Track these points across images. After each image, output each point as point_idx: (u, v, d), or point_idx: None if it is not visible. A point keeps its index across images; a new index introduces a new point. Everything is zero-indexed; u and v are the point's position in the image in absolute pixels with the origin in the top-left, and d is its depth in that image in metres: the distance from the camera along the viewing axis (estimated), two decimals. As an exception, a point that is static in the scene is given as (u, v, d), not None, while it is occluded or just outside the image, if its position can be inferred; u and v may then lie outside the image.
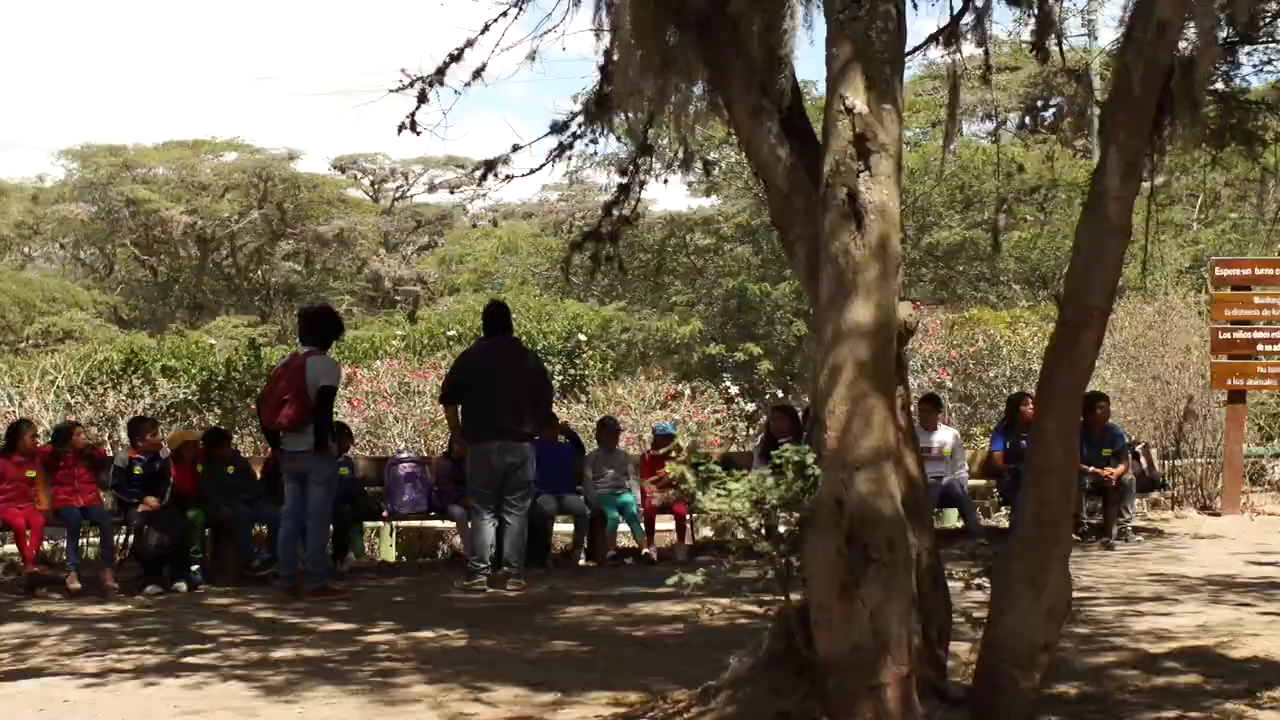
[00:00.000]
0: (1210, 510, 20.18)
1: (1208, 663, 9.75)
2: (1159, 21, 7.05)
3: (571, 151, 12.46)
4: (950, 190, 38.95)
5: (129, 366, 24.27)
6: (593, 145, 12.42)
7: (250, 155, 55.82)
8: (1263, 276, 20.56)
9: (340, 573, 15.30)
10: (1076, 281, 7.46)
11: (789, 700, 7.30)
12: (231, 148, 57.61)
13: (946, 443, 17.63)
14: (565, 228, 50.76)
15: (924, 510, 8.11)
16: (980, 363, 25.74)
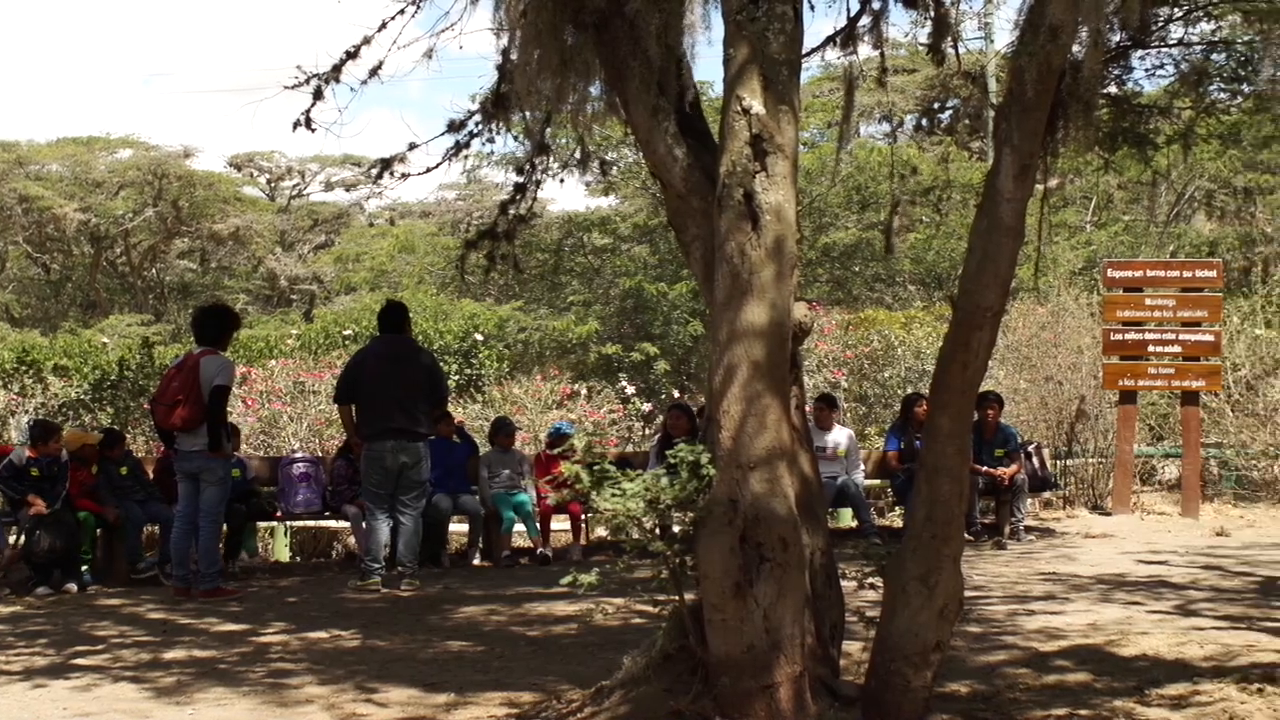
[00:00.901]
0: (1101, 510, 20.37)
1: (1098, 661, 9.84)
2: (1051, 25, 7.11)
3: (469, 150, 12.46)
4: (847, 191, 39.10)
5: (21, 365, 24.02)
6: (490, 144, 12.43)
7: (145, 152, 55.20)
8: (1154, 279, 20.77)
9: (233, 573, 15.21)
10: (969, 282, 7.51)
11: (682, 699, 7.31)
12: (126, 145, 56.92)
13: (841, 443, 17.72)
14: (462, 227, 50.68)
15: (818, 510, 8.14)
16: (875, 363, 25.89)
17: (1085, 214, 46.64)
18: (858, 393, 25.67)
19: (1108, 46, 8.31)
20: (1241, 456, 22.55)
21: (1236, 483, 22.64)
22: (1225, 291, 23.52)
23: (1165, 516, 19.79)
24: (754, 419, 7.11)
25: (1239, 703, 8.53)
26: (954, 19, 10.94)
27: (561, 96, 8.87)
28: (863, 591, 8.36)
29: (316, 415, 22.29)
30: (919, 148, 41.34)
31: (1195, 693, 8.81)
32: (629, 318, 38.03)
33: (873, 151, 39.68)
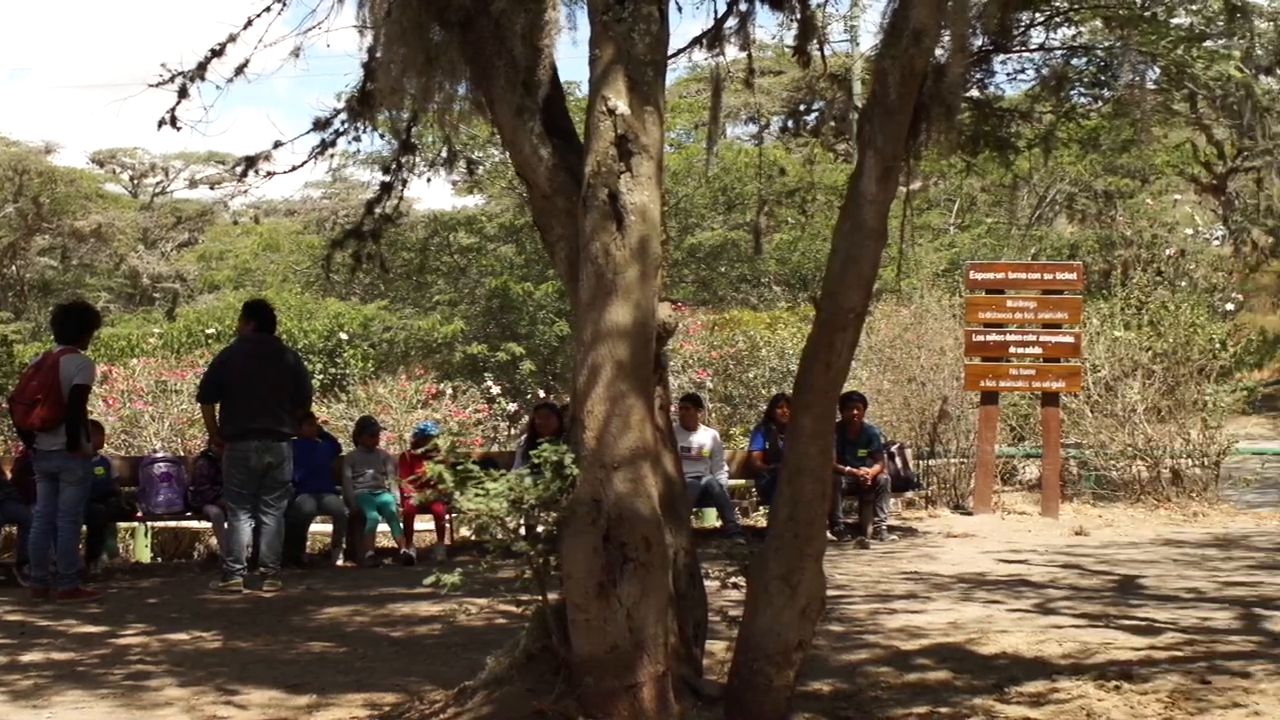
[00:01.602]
0: (963, 509, 20.55)
1: (958, 659, 9.93)
2: (914, 29, 7.17)
3: (334, 149, 12.37)
4: (713, 192, 39.27)
5: (-121, 364, 23.66)
6: (356, 143, 12.34)
7: (5, 148, 54.36)
8: (1015, 281, 20.99)
9: (93, 574, 15.01)
10: (833, 283, 7.55)
11: (546, 699, 7.30)
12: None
13: (706, 443, 17.76)
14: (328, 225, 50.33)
15: (681, 510, 8.16)
16: (740, 363, 26.00)
17: (949, 216, 47.06)
18: (723, 393, 25.77)
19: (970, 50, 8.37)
20: (1100, 457, 22.81)
21: (1095, 483, 22.90)
22: (1085, 294, 23.77)
23: (1026, 516, 19.99)
24: (618, 419, 7.12)
25: (1096, 700, 8.64)
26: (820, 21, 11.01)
27: (427, 95, 8.84)
28: (726, 591, 8.38)
29: (179, 415, 22.10)
30: (785, 149, 41.55)
31: (1054, 690, 8.91)
32: (495, 317, 38.03)
33: (739, 152, 39.87)
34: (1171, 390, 22.93)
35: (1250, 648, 10.25)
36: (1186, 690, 8.82)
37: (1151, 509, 21.07)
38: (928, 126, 7.70)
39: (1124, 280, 27.55)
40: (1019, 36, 9.68)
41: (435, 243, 41.56)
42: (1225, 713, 8.35)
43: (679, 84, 43.29)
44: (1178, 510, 20.93)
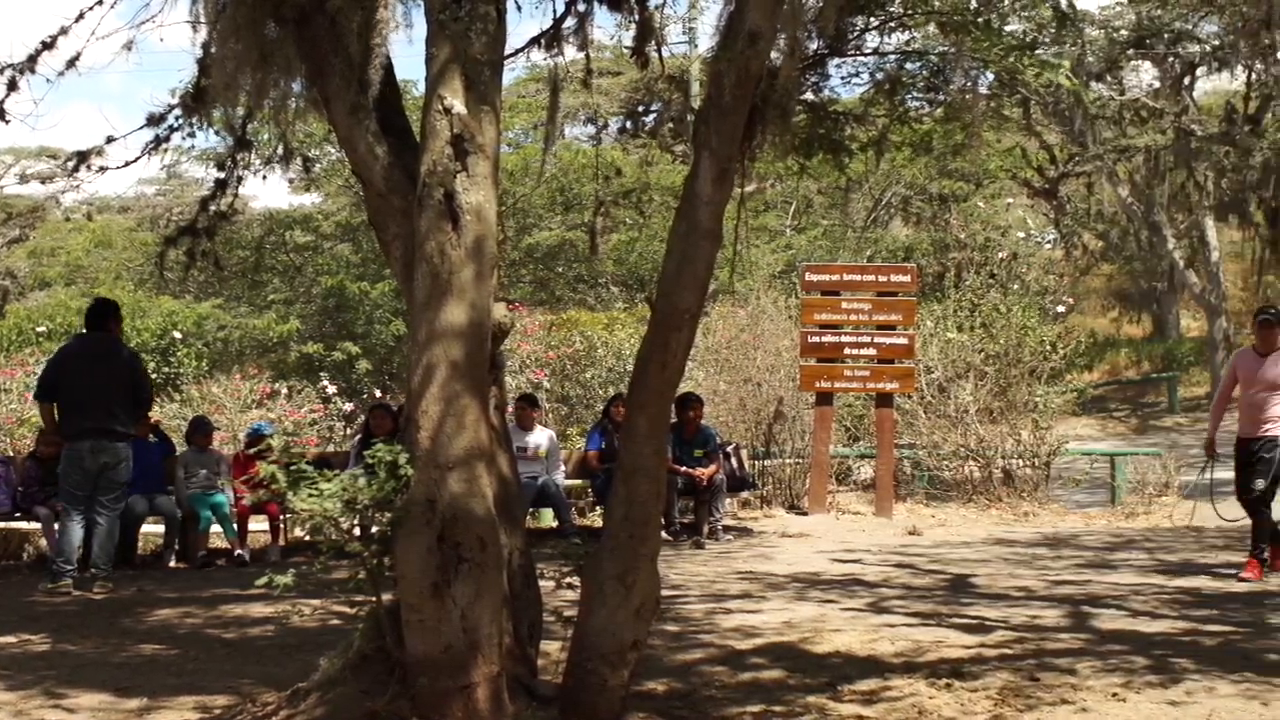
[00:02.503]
0: (798, 509, 20.67)
1: (792, 658, 9.99)
2: (750, 31, 7.21)
3: (168, 145, 12.24)
4: (550, 192, 39.28)
5: None
6: (191, 139, 12.22)
7: None
8: (850, 282, 21.15)
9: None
10: (668, 284, 7.58)
11: (379, 701, 7.26)
12: None
13: (542, 443, 17.74)
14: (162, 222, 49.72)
15: (516, 510, 8.16)
16: (577, 364, 26.02)
17: (786, 218, 47.39)
18: (560, 393, 25.78)
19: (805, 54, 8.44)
20: (933, 457, 23.05)
21: (929, 483, 23.14)
22: (919, 296, 24.03)
23: (860, 516, 20.15)
24: (452, 419, 7.10)
25: (928, 697, 8.74)
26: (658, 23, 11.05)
27: (262, 92, 8.76)
28: (561, 591, 8.37)
29: (7, 414, 21.74)
30: (623, 150, 41.66)
31: (886, 688, 9.00)
32: (331, 316, 37.80)
33: (577, 153, 39.92)
34: (1003, 391, 23.24)
35: (1078, 645, 10.40)
36: (1016, 687, 8.95)
37: (983, 509, 21.33)
38: (762, 129, 7.75)
39: (957, 283, 27.88)
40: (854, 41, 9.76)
41: (271, 241, 41.22)
42: (1053, 709, 8.47)
43: (517, 84, 43.25)
44: (1009, 510, 21.21)
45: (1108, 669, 9.52)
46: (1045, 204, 47.73)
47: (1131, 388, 43.85)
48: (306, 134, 30.13)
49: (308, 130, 28.38)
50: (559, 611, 8.48)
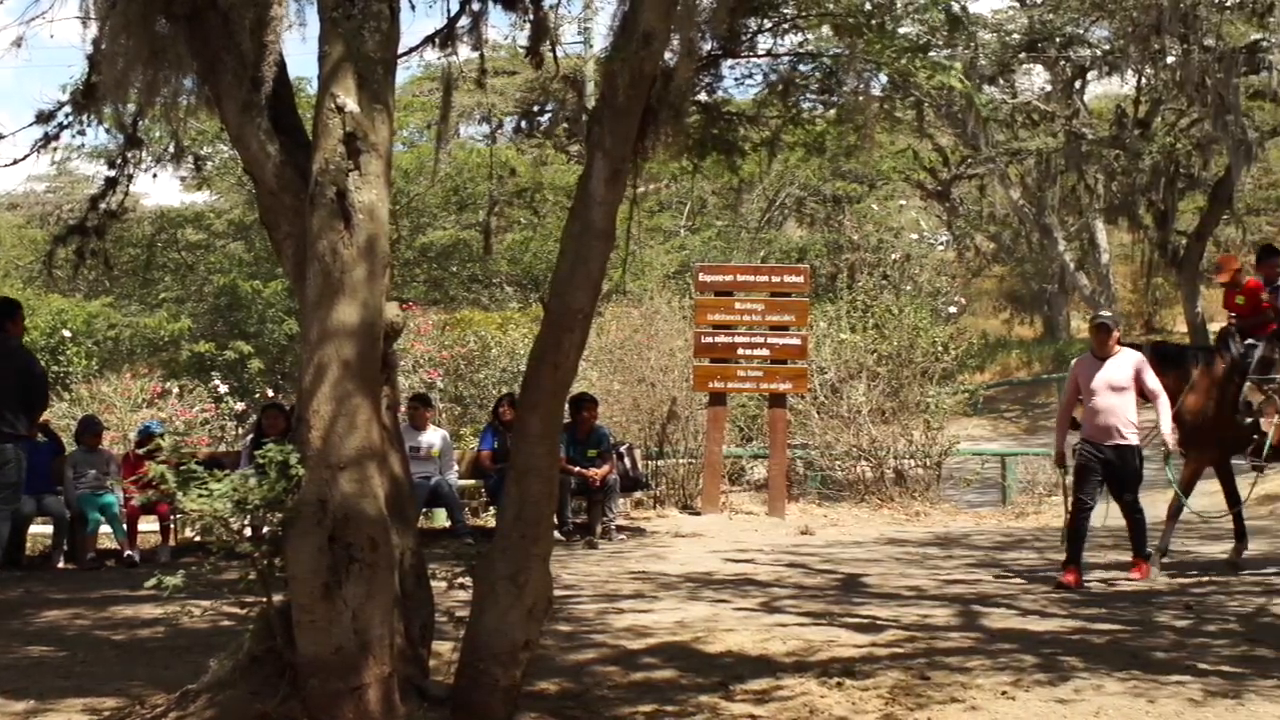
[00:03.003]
0: (691, 509, 20.68)
1: (685, 658, 10.01)
2: (643, 31, 7.22)
3: (58, 142, 12.10)
4: (445, 191, 39.17)
5: None
6: (81, 136, 12.09)
7: None
8: (744, 283, 21.17)
9: None
10: (561, 284, 7.58)
11: (270, 702, 7.22)
12: None
13: (435, 443, 17.68)
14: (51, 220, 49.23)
15: (408, 510, 8.13)
16: (471, 364, 25.94)
17: (680, 219, 47.49)
18: (453, 393, 25.69)
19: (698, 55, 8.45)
20: (826, 457, 23.13)
21: (821, 482, 23.23)
22: (813, 297, 24.13)
23: (753, 516, 20.20)
24: (344, 419, 7.07)
25: (819, 696, 8.79)
26: (553, 23, 11.03)
27: (153, 89, 8.69)
28: (454, 591, 8.37)
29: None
30: (518, 150, 41.63)
31: (778, 688, 9.04)
32: (223, 315, 37.54)
33: (472, 152, 39.84)
34: (896, 392, 23.38)
35: (969, 644, 10.49)
36: (907, 686, 9.01)
37: (875, 508, 21.45)
38: (656, 129, 7.77)
39: (850, 283, 28.03)
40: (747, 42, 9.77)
41: (162, 239, 40.91)
42: (944, 708, 8.54)
43: (412, 82, 43.13)
44: (901, 510, 21.35)
45: (998, 667, 9.61)
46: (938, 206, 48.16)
47: (1022, 388, 44.19)
48: (199, 132, 29.87)
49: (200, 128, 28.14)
50: (451, 612, 8.46)
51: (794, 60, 11.05)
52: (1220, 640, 10.62)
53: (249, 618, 7.71)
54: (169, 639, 11.00)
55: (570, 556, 15.73)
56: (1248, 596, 12.57)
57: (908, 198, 48.56)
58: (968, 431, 28.38)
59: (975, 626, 11.33)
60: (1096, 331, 14.14)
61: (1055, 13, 33.41)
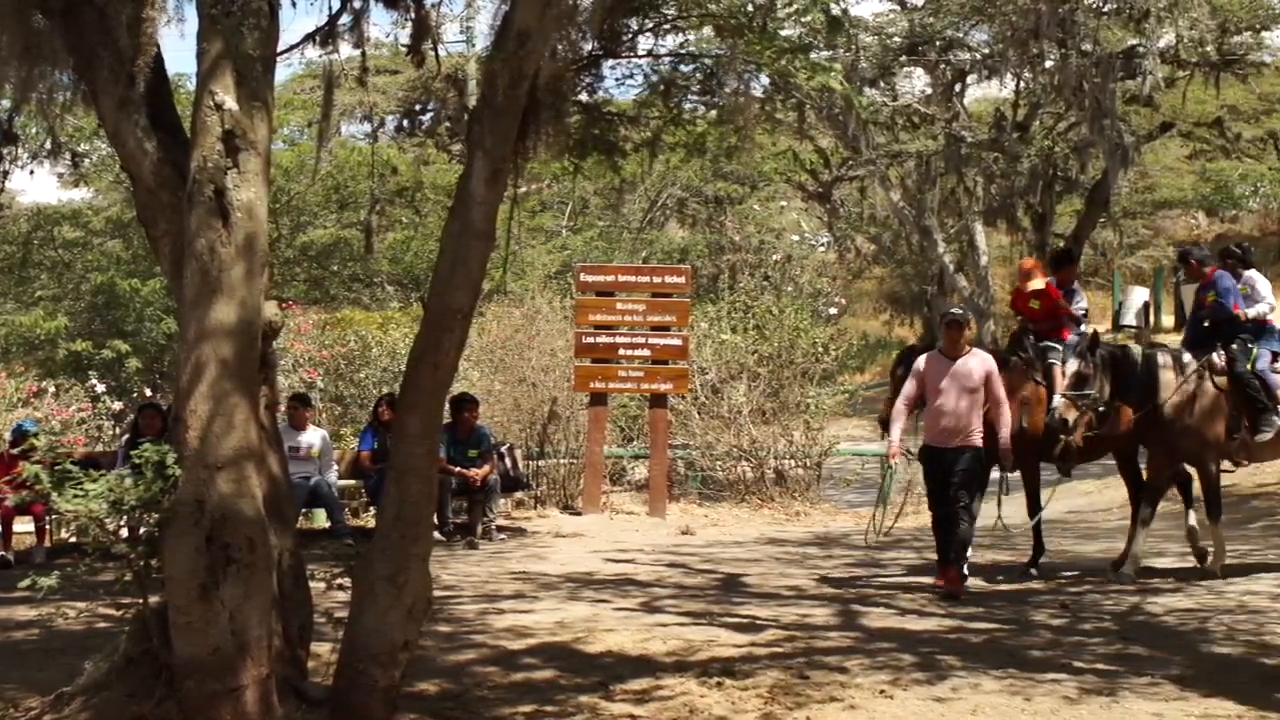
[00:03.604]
0: (572, 510, 20.67)
1: (565, 658, 10.03)
2: (521, 31, 7.22)
3: (-70, 138, 11.94)
4: (326, 190, 38.90)
5: None
6: (-46, 133, 11.94)
7: None
8: (625, 284, 21.17)
9: None
10: (441, 284, 7.58)
11: (146, 704, 7.17)
12: None
13: (314, 443, 17.58)
14: (-76, 216, 48.51)
15: (286, 510, 8.09)
16: (352, 363, 25.80)
17: (562, 219, 47.46)
18: (334, 393, 25.55)
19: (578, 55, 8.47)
20: (707, 457, 23.18)
21: (702, 483, 23.26)
22: (694, 297, 24.17)
23: (634, 516, 20.21)
24: (222, 419, 7.03)
25: (699, 696, 8.83)
26: (434, 21, 11.02)
27: (29, 85, 8.62)
28: (333, 592, 8.33)
29: None
30: (400, 149, 41.43)
31: (657, 687, 9.07)
32: (100, 314, 37.10)
33: (353, 151, 39.58)
34: (776, 393, 23.47)
35: (848, 643, 10.58)
36: (786, 685, 9.07)
37: (756, 508, 21.52)
38: (536, 129, 7.78)
39: (732, 284, 28.14)
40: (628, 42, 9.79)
41: (39, 237, 40.33)
42: (822, 707, 8.61)
43: (293, 80, 42.78)
44: (781, 510, 21.43)
45: (876, 666, 9.70)
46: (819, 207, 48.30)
47: (902, 389, 44.42)
48: (76, 128, 29.52)
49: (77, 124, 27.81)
50: (330, 613, 8.45)
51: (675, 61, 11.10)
52: (1095, 639, 10.76)
53: (125, 619, 7.64)
54: (43, 641, 10.88)
55: (450, 557, 15.69)
56: (1122, 596, 12.71)
57: (789, 199, 48.68)
58: (848, 432, 28.47)
59: (854, 626, 11.41)
60: (949, 328, 13.54)
61: (936, 16, 33.62)
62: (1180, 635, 10.84)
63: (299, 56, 10.93)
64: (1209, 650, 10.25)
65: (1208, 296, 14.34)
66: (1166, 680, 9.23)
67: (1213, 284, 14.28)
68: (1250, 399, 13.83)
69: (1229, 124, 43.43)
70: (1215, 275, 14.37)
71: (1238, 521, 17.62)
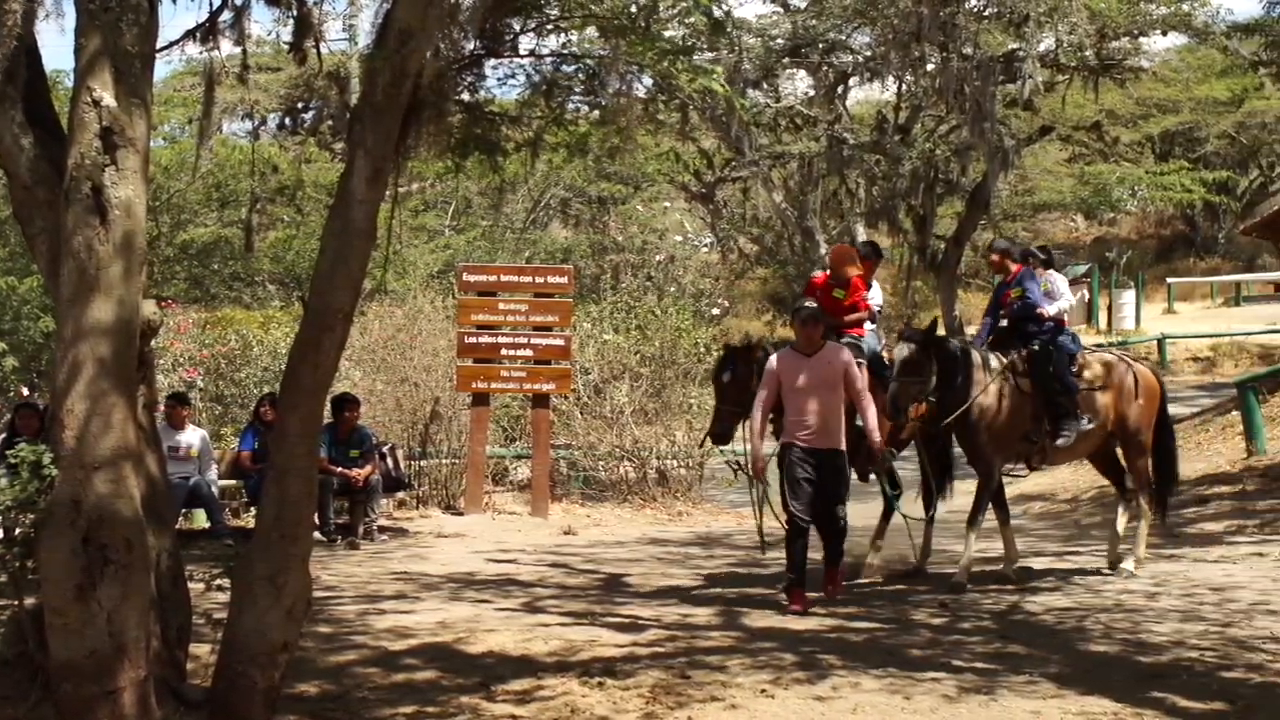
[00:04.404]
0: (454, 510, 20.61)
1: (446, 658, 10.01)
2: (402, 29, 7.21)
3: None
4: (207, 188, 38.62)
5: None
6: None
7: None
8: (507, 283, 21.13)
9: None
10: (321, 283, 7.54)
11: (21, 708, 7.11)
12: None
13: (194, 443, 17.47)
14: None
15: (165, 510, 8.02)
16: (232, 363, 25.63)
17: (445, 218, 47.35)
18: (214, 392, 25.36)
19: (460, 54, 8.46)
20: (589, 457, 23.20)
21: (584, 483, 23.28)
22: (577, 297, 24.19)
23: (516, 516, 20.19)
24: (99, 418, 6.97)
25: (580, 696, 8.84)
26: (316, 19, 10.94)
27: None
28: (212, 593, 8.28)
29: None
30: (281, 147, 41.21)
31: (539, 688, 9.08)
32: (-25, 313, 36.64)
33: (234, 149, 39.31)
34: (659, 393, 23.53)
35: (729, 643, 10.62)
36: (667, 685, 9.10)
37: (638, 508, 21.55)
38: (418, 128, 7.76)
39: (615, 284, 28.21)
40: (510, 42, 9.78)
41: (-92, 233, 39.82)
42: (703, 706, 8.64)
43: (174, 77, 42.48)
44: (663, 510, 21.48)
45: (757, 666, 9.74)
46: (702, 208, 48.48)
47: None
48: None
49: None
50: (209, 614, 8.39)
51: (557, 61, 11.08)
52: (974, 637, 10.86)
53: (0, 621, 7.56)
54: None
55: (332, 557, 15.63)
56: (1001, 595, 12.82)
57: (672, 199, 48.85)
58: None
59: (735, 625, 11.46)
60: (805, 324, 12.62)
61: (818, 19, 33.85)
62: (1058, 634, 10.96)
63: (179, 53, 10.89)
64: (1086, 648, 10.37)
65: (1011, 293, 14.20)
66: (1044, 678, 9.33)
67: (1018, 280, 14.15)
68: (1052, 402, 13.72)
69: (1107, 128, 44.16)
70: (1020, 272, 14.25)
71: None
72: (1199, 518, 17.17)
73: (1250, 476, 19.10)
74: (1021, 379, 13.67)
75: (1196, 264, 61.63)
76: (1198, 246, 64.08)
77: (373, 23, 7.85)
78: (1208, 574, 13.37)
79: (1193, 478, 19.89)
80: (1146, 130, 51.87)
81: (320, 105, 40.86)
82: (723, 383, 13.86)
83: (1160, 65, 43.42)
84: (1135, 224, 69.87)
